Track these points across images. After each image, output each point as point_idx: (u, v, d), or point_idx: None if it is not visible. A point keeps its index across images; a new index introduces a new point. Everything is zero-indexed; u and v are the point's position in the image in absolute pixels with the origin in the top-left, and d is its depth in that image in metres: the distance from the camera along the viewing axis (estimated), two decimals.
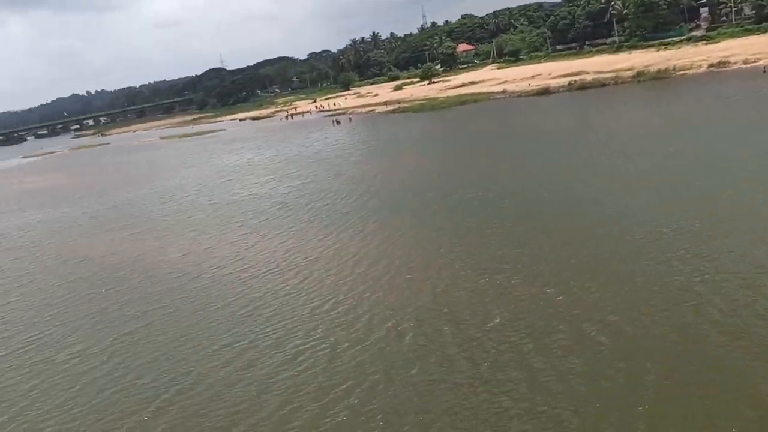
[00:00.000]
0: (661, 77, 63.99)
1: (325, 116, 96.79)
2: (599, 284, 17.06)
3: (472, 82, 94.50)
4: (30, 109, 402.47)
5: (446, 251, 22.04)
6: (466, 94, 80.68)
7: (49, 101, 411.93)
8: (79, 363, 17.95)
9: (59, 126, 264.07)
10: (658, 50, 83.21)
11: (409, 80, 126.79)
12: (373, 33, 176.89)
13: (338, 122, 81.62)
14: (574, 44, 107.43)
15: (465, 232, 24.02)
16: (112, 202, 47.73)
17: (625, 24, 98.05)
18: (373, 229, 26.83)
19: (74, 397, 15.94)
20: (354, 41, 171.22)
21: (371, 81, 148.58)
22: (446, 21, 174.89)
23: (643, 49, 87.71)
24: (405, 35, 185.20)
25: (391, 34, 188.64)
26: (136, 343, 18.71)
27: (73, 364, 17.92)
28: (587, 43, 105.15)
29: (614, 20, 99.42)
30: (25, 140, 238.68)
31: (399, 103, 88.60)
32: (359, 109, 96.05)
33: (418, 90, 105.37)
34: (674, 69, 65.50)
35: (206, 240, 30.06)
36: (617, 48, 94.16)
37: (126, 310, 21.67)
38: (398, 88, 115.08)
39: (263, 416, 13.59)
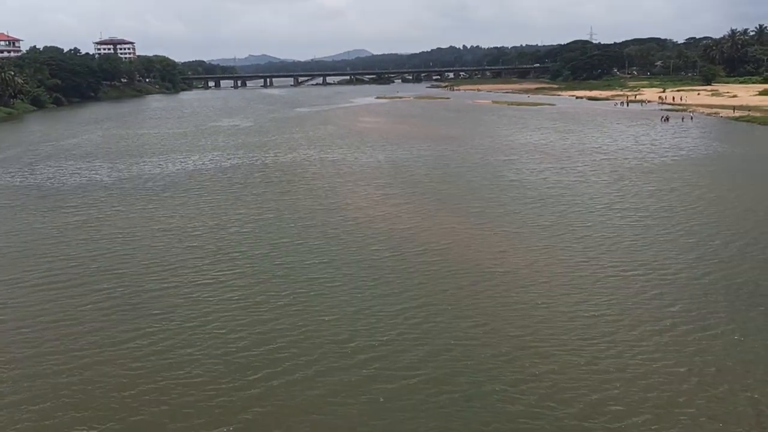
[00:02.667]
0: None
1: (663, 109, 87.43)
2: None
3: None
4: (412, 55, 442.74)
5: None
6: None
7: (428, 50, 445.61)
8: None
9: (423, 74, 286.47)
10: None
11: None
12: (760, 26, 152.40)
13: (667, 119, 72.92)
14: None
15: None
16: (398, 155, 50.00)
17: None
18: None
19: None
20: (733, 32, 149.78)
21: (741, 80, 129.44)
22: None
23: None
24: None
25: None
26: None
27: None
28: None
29: None
30: (393, 82, 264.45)
31: (749, 110, 75.59)
32: (703, 109, 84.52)
33: None
34: None
35: (443, 220, 29.69)
36: None
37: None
38: (765, 92, 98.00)
39: None
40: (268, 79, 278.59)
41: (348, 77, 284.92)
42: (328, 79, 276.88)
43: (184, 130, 78.16)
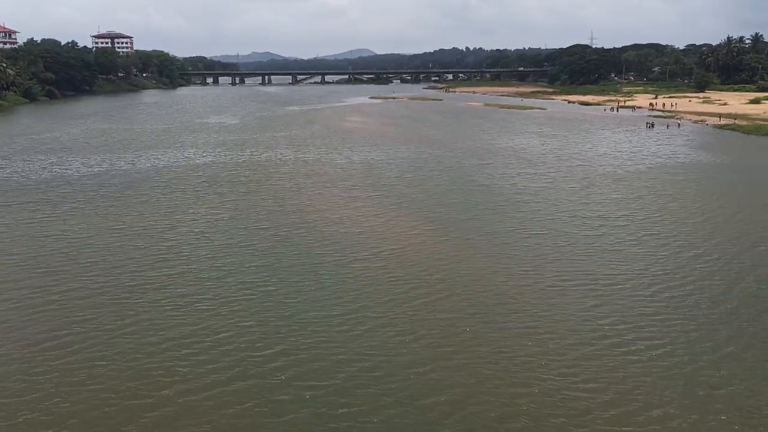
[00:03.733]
0: None
1: (651, 116, 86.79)
2: None
3: None
4: (414, 55, 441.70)
5: None
6: None
7: (431, 50, 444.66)
8: None
9: (422, 75, 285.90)
10: None
11: None
12: (755, 34, 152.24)
13: (652, 126, 72.45)
14: None
15: None
16: (374, 157, 49.49)
17: None
18: None
19: None
20: (729, 39, 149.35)
21: (735, 87, 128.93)
22: None
23: None
24: None
25: None
26: None
27: None
28: None
29: None
30: (391, 82, 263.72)
31: (734, 119, 75.08)
32: (691, 116, 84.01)
33: None
34: None
35: (400, 225, 29.21)
36: None
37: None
38: (755, 101, 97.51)
39: None
40: (266, 77, 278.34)
41: (346, 76, 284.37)
42: (327, 78, 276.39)
43: (168, 126, 77.59)
